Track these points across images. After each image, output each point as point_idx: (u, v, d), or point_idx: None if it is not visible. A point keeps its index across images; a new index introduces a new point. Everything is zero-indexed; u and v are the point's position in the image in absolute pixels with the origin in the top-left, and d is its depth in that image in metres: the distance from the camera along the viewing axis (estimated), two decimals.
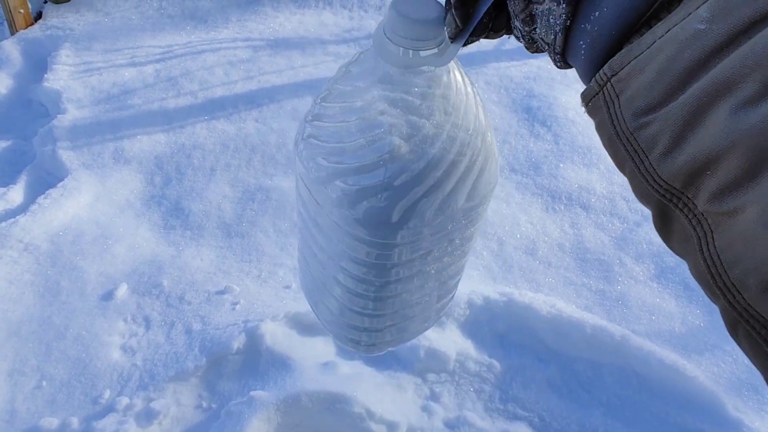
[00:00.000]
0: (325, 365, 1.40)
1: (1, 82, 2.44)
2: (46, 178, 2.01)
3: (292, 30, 2.64)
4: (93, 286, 1.62)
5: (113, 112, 2.22)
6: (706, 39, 0.27)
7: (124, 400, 1.36)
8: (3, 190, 1.91)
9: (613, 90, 0.31)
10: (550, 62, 0.39)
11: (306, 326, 1.51)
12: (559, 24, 0.34)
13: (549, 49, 0.36)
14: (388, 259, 0.50)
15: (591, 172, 1.94)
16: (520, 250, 1.71)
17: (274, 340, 1.45)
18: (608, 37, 0.32)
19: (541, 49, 0.38)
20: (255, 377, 1.41)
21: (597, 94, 0.32)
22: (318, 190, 0.49)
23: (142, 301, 1.58)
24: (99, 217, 1.82)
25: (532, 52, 0.40)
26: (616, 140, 0.31)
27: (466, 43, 0.41)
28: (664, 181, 0.29)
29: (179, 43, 2.58)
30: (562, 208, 1.83)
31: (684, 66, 0.28)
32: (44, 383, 1.41)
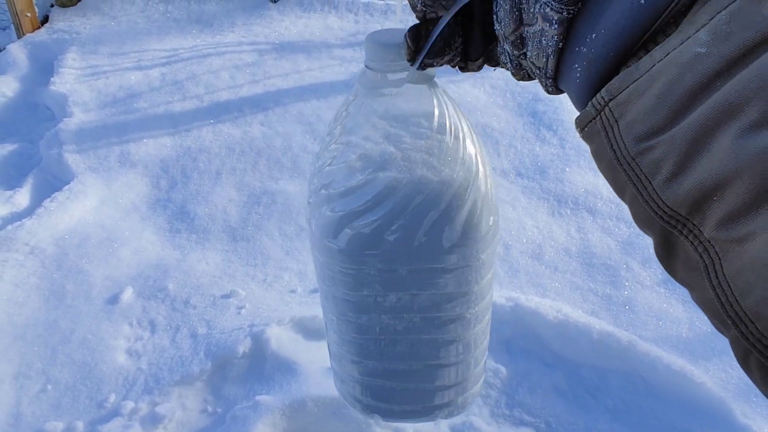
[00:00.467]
0: (330, 370, 1.40)
1: (8, 86, 2.45)
2: (52, 182, 2.01)
3: (297, 34, 2.65)
4: (98, 290, 1.62)
5: (119, 116, 2.22)
6: (708, 62, 0.27)
7: (130, 404, 1.35)
8: (9, 193, 1.92)
9: (612, 114, 0.30)
10: None
11: (311, 331, 1.51)
12: (552, 46, 0.33)
13: (540, 74, 0.36)
14: (359, 279, 0.52)
15: (597, 176, 1.93)
16: (526, 254, 1.70)
17: (280, 345, 1.45)
18: (605, 60, 0.31)
19: (531, 74, 0.38)
20: (260, 381, 1.41)
21: (594, 118, 0.31)
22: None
23: (148, 305, 1.58)
24: (105, 220, 1.83)
25: (519, 80, 0.39)
26: (616, 165, 0.30)
27: (425, 66, 0.41)
28: (669, 207, 0.28)
29: (185, 46, 2.58)
30: (569, 212, 1.83)
31: (685, 90, 0.27)
32: (49, 387, 1.41)
